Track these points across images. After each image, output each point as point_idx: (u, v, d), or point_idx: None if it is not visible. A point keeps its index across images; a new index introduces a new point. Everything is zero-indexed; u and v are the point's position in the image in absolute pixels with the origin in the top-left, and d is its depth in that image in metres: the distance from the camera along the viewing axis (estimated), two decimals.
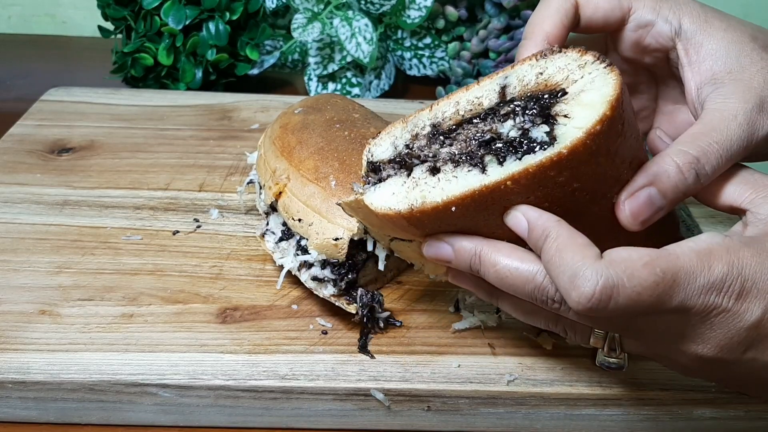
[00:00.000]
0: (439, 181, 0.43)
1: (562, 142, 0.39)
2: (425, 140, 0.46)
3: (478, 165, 0.42)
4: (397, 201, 0.44)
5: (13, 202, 0.69)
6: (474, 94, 0.45)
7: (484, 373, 0.53)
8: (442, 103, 0.46)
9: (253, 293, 0.59)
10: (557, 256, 0.39)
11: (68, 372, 0.51)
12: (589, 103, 0.39)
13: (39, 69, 1.07)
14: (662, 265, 0.38)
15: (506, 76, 0.44)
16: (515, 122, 0.42)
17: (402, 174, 0.45)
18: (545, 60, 0.43)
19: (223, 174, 0.75)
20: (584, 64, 0.41)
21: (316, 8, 0.93)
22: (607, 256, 0.39)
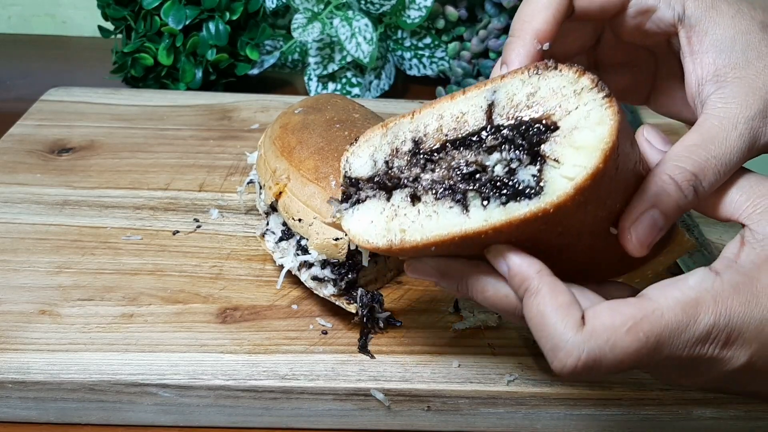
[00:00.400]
0: (419, 214, 0.42)
1: (549, 194, 0.37)
2: (406, 159, 0.43)
3: (461, 202, 0.40)
4: (375, 233, 0.43)
5: (13, 202, 0.69)
6: (459, 107, 0.42)
7: (484, 373, 0.53)
8: (425, 112, 0.43)
9: (253, 293, 0.59)
10: (538, 318, 0.38)
11: (68, 372, 0.51)
12: (582, 145, 0.37)
13: (39, 69, 1.07)
14: (646, 328, 0.37)
15: (495, 90, 0.40)
16: (501, 156, 0.39)
17: (381, 197, 0.44)
18: (538, 77, 0.39)
19: (223, 174, 0.75)
20: (580, 90, 0.38)
21: (316, 8, 0.93)
22: (590, 323, 0.38)
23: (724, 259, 0.40)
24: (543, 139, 0.38)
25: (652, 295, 0.39)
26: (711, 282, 0.38)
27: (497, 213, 0.39)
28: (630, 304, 0.38)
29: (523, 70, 0.40)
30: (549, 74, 0.39)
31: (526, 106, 0.39)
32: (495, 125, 0.40)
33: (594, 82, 0.38)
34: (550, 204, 0.37)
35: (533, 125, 0.39)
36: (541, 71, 0.39)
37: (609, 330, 0.37)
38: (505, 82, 0.40)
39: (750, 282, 0.38)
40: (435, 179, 0.42)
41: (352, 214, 0.45)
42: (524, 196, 0.38)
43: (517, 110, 0.39)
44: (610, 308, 0.38)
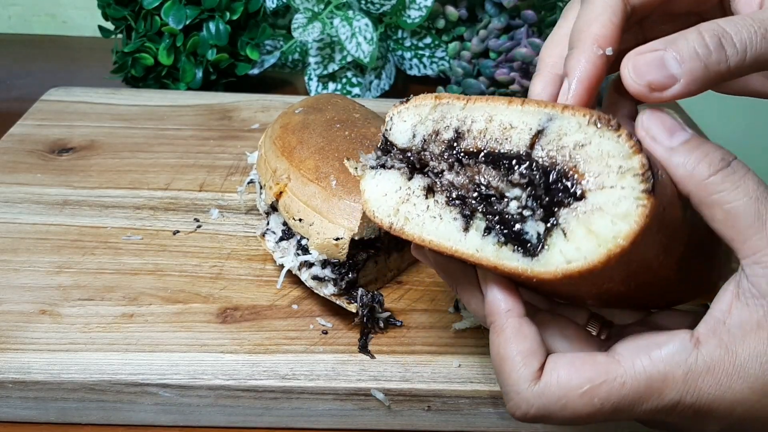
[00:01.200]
0: (426, 210, 0.41)
1: (541, 263, 0.36)
2: (441, 147, 0.41)
3: (466, 219, 0.39)
4: (383, 209, 0.43)
5: (13, 201, 0.69)
6: (511, 118, 0.39)
7: (484, 373, 0.53)
8: (478, 105, 0.40)
9: (253, 293, 0.59)
10: (497, 359, 0.38)
11: (68, 372, 0.51)
12: (596, 233, 0.34)
13: (39, 69, 1.07)
14: (602, 394, 0.36)
15: (551, 118, 0.37)
16: (521, 198, 0.37)
17: (404, 174, 0.44)
18: (595, 130, 0.35)
19: (223, 174, 0.75)
20: (626, 171, 0.34)
21: (316, 8, 0.93)
22: (545, 378, 0.37)
23: (711, 320, 0.36)
24: (565, 202, 0.36)
25: (621, 355, 0.37)
26: (686, 356, 0.36)
27: (490, 251, 0.38)
28: (592, 363, 0.37)
29: (587, 112, 0.36)
30: (606, 134, 0.35)
31: (569, 153, 0.36)
32: (532, 158, 0.37)
33: (643, 168, 0.34)
34: (534, 274, 0.36)
35: (564, 179, 0.36)
36: (600, 125, 0.35)
37: (563, 389, 0.36)
38: (565, 115, 0.37)
39: (729, 357, 0.35)
40: (454, 182, 0.41)
41: (373, 176, 0.45)
42: (521, 247, 0.37)
43: (560, 153, 0.36)
44: (571, 364, 0.37)
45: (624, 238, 0.34)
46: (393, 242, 0.60)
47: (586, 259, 0.35)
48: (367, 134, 0.61)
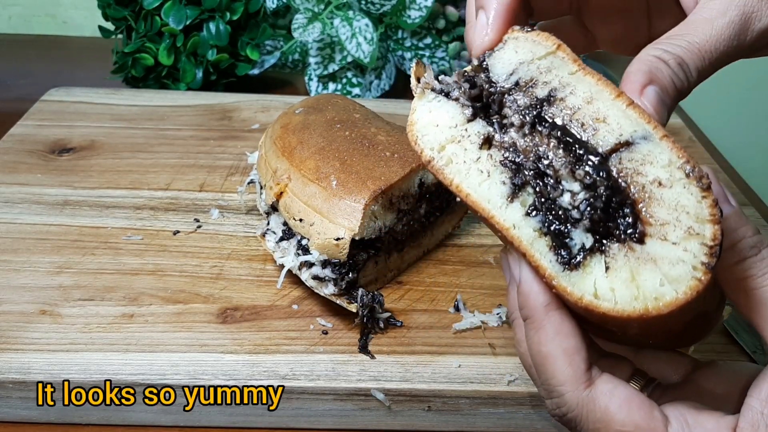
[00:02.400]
0: (475, 161, 0.38)
1: (570, 281, 0.34)
2: (527, 101, 0.38)
3: (515, 187, 0.37)
4: (430, 139, 0.39)
5: (13, 202, 0.69)
6: (609, 112, 0.36)
7: (484, 374, 0.53)
8: (587, 80, 0.37)
9: (253, 293, 0.59)
10: (539, 357, 0.37)
11: (69, 372, 0.51)
12: (637, 284, 0.33)
13: (39, 69, 1.07)
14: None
15: (646, 137, 0.34)
16: (576, 197, 0.35)
17: (465, 111, 0.39)
18: (685, 179, 0.33)
19: (223, 174, 0.75)
20: (695, 235, 0.32)
21: (316, 8, 0.93)
22: (597, 394, 0.36)
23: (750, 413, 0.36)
24: (620, 233, 0.33)
25: (672, 422, 0.36)
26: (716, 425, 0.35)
27: (527, 234, 0.36)
28: (647, 413, 0.36)
29: (683, 154, 0.33)
30: (692, 188, 0.33)
31: (645, 185, 0.34)
32: (607, 165, 0.35)
33: (715, 242, 0.32)
34: (559, 286, 0.35)
35: (626, 207, 0.34)
36: (691, 176, 0.33)
37: (607, 417, 0.36)
38: (662, 143, 0.34)
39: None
40: (518, 144, 0.37)
41: (431, 99, 0.41)
42: (560, 249, 0.35)
43: (635, 177, 0.34)
44: (629, 400, 0.36)
45: (665, 305, 0.32)
46: (393, 243, 0.60)
47: (616, 305, 0.33)
48: (368, 134, 0.61)
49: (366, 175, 0.57)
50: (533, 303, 0.37)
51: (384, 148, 0.59)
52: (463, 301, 0.59)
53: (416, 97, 0.41)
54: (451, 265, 0.64)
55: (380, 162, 0.58)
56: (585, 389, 0.36)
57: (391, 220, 0.58)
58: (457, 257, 0.65)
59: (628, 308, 0.33)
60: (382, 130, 0.63)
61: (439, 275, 0.63)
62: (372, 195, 0.55)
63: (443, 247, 0.67)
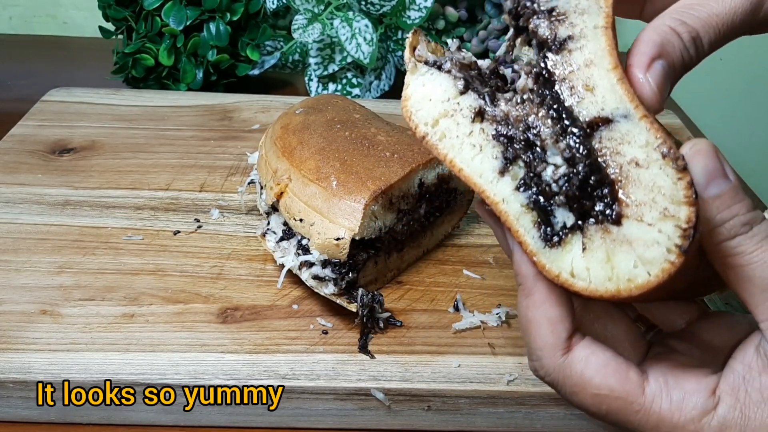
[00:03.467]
0: (468, 136, 0.38)
1: (551, 258, 0.35)
2: (545, 31, 0.37)
3: (506, 161, 0.36)
4: (423, 114, 0.39)
5: (14, 202, 0.69)
6: (600, 82, 0.35)
7: (484, 373, 0.53)
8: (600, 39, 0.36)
9: (253, 293, 0.59)
10: (524, 321, 0.38)
11: (69, 372, 0.51)
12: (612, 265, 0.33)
13: (40, 69, 1.07)
14: (612, 407, 0.36)
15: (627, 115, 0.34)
16: (558, 170, 0.35)
17: (457, 84, 0.39)
18: (660, 160, 0.33)
19: (223, 174, 0.75)
20: (670, 217, 0.32)
21: (316, 9, 0.93)
22: (572, 361, 0.37)
23: (732, 377, 0.36)
24: (597, 213, 0.34)
25: (648, 384, 0.37)
26: (701, 416, 0.36)
27: (514, 208, 0.36)
28: (622, 376, 0.36)
29: (661, 135, 0.33)
30: (668, 169, 0.32)
31: (622, 165, 0.34)
32: (589, 142, 0.34)
33: (689, 224, 0.31)
34: (539, 261, 0.35)
35: (604, 188, 0.34)
36: (667, 157, 0.33)
37: (582, 381, 0.37)
38: (640, 124, 0.34)
39: (741, 421, 0.35)
40: (509, 113, 0.37)
41: (423, 73, 0.40)
42: (543, 225, 0.35)
43: (614, 157, 0.34)
44: (603, 365, 0.37)
45: (637, 288, 0.33)
46: (393, 243, 0.60)
47: (590, 284, 0.34)
48: (368, 134, 0.62)
49: (366, 175, 0.57)
50: (524, 271, 0.38)
51: (384, 149, 0.60)
52: (462, 300, 0.59)
53: (409, 71, 0.41)
54: (451, 265, 0.65)
55: (380, 162, 0.58)
56: (562, 356, 0.37)
57: (391, 220, 0.59)
58: (457, 257, 0.66)
59: (601, 288, 0.34)
60: (382, 131, 0.63)
61: (439, 275, 0.63)
62: (372, 195, 0.55)
63: (443, 247, 0.67)
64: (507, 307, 0.59)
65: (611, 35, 0.36)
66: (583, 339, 0.38)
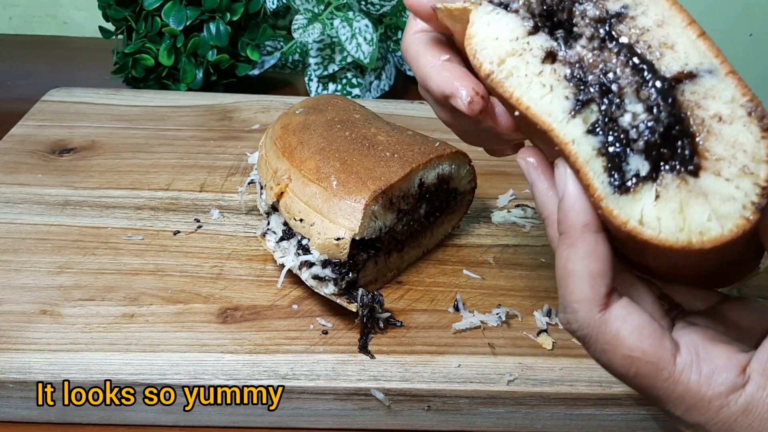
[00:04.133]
0: (538, 75, 0.37)
1: (618, 205, 0.34)
2: (597, 14, 0.36)
3: (575, 101, 0.35)
4: (489, 52, 0.38)
5: (14, 202, 0.69)
6: (678, 39, 0.35)
7: (484, 373, 0.53)
8: (660, 3, 0.35)
9: (253, 293, 0.59)
10: (563, 272, 0.37)
11: (69, 372, 0.51)
12: (684, 216, 0.32)
13: (40, 69, 1.07)
14: (641, 371, 0.36)
15: (712, 71, 0.34)
16: (638, 117, 0.34)
17: (526, 24, 0.38)
18: (746, 117, 0.33)
19: (223, 174, 0.75)
20: (749, 174, 0.32)
21: (316, 9, 0.93)
22: (610, 318, 0.36)
23: (766, 356, 0.35)
24: (675, 163, 0.33)
25: (680, 354, 0.36)
26: (729, 392, 0.35)
27: (585, 151, 0.35)
28: (657, 341, 0.36)
29: (748, 92, 0.33)
30: (753, 128, 0.32)
31: (706, 119, 0.33)
32: (672, 94, 0.34)
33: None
34: (606, 207, 0.34)
35: (686, 139, 0.33)
36: (753, 116, 0.32)
37: (616, 340, 0.36)
38: (727, 79, 0.33)
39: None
40: (584, 58, 0.36)
41: (489, 11, 0.39)
42: (614, 171, 0.34)
43: (697, 110, 0.33)
44: (640, 327, 0.36)
45: (710, 240, 0.32)
46: (393, 243, 0.60)
47: (660, 233, 0.33)
48: (368, 134, 0.62)
49: (366, 175, 0.57)
50: (572, 221, 0.36)
51: (384, 149, 0.60)
52: (462, 301, 0.59)
53: (472, 8, 0.39)
54: (451, 265, 0.65)
55: (380, 162, 0.58)
56: (599, 312, 0.36)
57: (391, 220, 0.59)
58: (457, 257, 0.66)
59: (671, 239, 0.33)
60: (382, 131, 0.63)
61: (439, 275, 0.63)
62: (372, 195, 0.55)
63: (443, 247, 0.67)
64: (507, 307, 0.59)
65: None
66: (621, 299, 0.37)
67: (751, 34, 1.08)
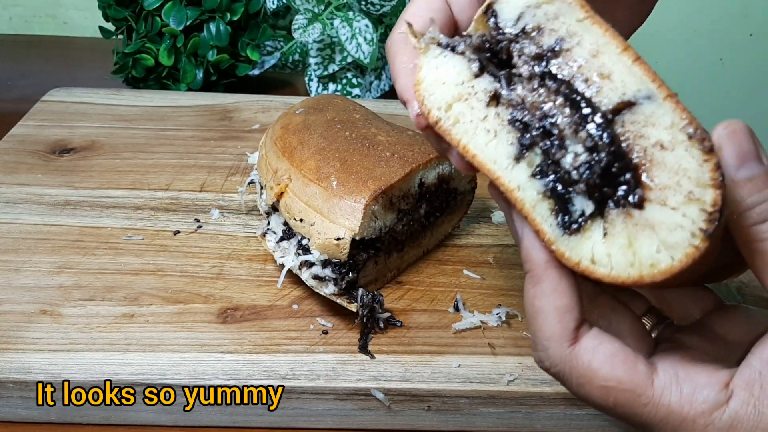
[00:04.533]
0: (482, 120, 0.37)
1: (569, 245, 0.34)
2: (534, 51, 0.36)
3: (522, 147, 0.35)
4: (437, 98, 0.38)
5: (14, 202, 0.69)
6: (614, 67, 0.34)
7: (484, 373, 0.53)
8: (594, 30, 0.35)
9: (253, 293, 0.59)
10: (532, 310, 0.37)
11: (69, 372, 0.51)
12: (634, 250, 0.32)
13: (40, 69, 1.07)
14: (620, 399, 0.35)
15: (650, 96, 0.33)
16: (578, 158, 0.34)
17: (472, 66, 0.38)
18: (686, 141, 0.32)
19: (224, 174, 0.75)
20: (695, 201, 0.31)
21: (316, 9, 0.93)
22: (579, 351, 0.36)
23: (748, 371, 0.35)
24: (619, 198, 0.33)
25: (657, 376, 0.36)
26: (713, 409, 0.35)
27: (530, 196, 0.35)
28: (630, 367, 0.36)
29: (687, 115, 0.32)
30: (694, 151, 0.31)
31: (647, 148, 0.32)
32: (611, 127, 0.33)
33: (714, 208, 0.30)
34: (558, 250, 0.35)
35: (627, 173, 0.33)
36: (693, 138, 0.31)
37: (589, 372, 0.36)
38: (665, 104, 0.33)
39: (755, 417, 0.34)
40: (525, 99, 0.36)
41: (436, 55, 0.39)
42: (561, 213, 0.34)
43: (638, 141, 0.33)
44: (611, 355, 0.36)
45: (660, 273, 0.32)
46: (393, 243, 0.60)
47: (611, 270, 0.33)
48: (368, 134, 0.62)
49: (366, 175, 0.57)
50: (534, 258, 0.37)
51: (384, 149, 0.60)
52: (462, 301, 0.59)
53: (421, 53, 0.39)
54: (451, 265, 0.65)
55: (380, 162, 0.58)
56: (569, 347, 0.36)
57: (391, 220, 0.59)
58: (457, 257, 0.66)
59: (623, 274, 0.33)
60: (382, 131, 0.63)
61: (439, 275, 0.63)
62: (372, 195, 0.55)
63: (443, 247, 0.67)
64: (507, 307, 0.59)
65: (602, 21, 0.35)
66: (591, 330, 0.37)
67: (751, 34, 1.08)
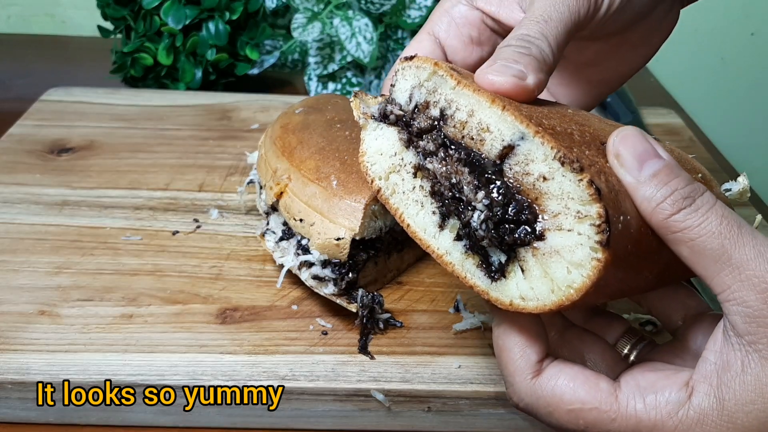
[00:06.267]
0: (412, 191, 0.41)
1: (499, 291, 0.37)
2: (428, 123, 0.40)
3: (443, 216, 0.39)
4: (377, 168, 0.42)
5: (12, 202, 0.69)
6: (489, 120, 0.37)
7: (484, 374, 0.53)
8: (466, 93, 0.38)
9: (252, 293, 0.59)
10: (497, 350, 0.39)
11: (68, 372, 0.51)
12: (550, 277, 0.34)
13: (38, 69, 1.07)
14: (589, 419, 0.36)
15: (523, 137, 0.36)
16: (482, 215, 0.36)
17: (402, 137, 0.41)
18: (560, 166, 0.34)
19: (222, 174, 0.75)
20: (584, 217, 0.33)
21: (316, 8, 0.93)
22: (542, 381, 0.38)
23: (704, 365, 0.36)
24: (525, 238, 0.35)
25: (621, 390, 0.37)
26: (678, 408, 0.35)
27: (457, 257, 0.39)
28: (592, 387, 0.37)
29: (555, 144, 0.35)
30: (568, 174, 0.34)
31: (534, 183, 0.35)
32: (502, 175, 0.36)
33: (600, 219, 0.33)
34: (492, 300, 0.37)
35: (525, 212, 0.35)
36: (565, 162, 0.34)
37: (554, 399, 0.37)
38: (535, 140, 0.35)
39: (718, 406, 0.35)
40: (438, 170, 0.39)
41: (374, 128, 0.43)
42: (485, 265, 0.37)
43: (525, 178, 0.35)
44: (572, 378, 0.37)
45: (577, 291, 0.34)
46: (393, 243, 0.60)
47: (539, 300, 0.35)
48: None
49: None
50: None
51: None
52: (463, 301, 0.59)
53: (362, 128, 0.43)
54: None
55: None
56: (532, 378, 0.38)
57: (391, 220, 0.58)
58: None
59: (548, 302, 0.35)
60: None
61: (439, 275, 0.63)
62: (372, 195, 0.55)
63: None
64: None
65: (469, 83, 0.38)
66: (553, 361, 0.38)
67: (752, 34, 1.08)
